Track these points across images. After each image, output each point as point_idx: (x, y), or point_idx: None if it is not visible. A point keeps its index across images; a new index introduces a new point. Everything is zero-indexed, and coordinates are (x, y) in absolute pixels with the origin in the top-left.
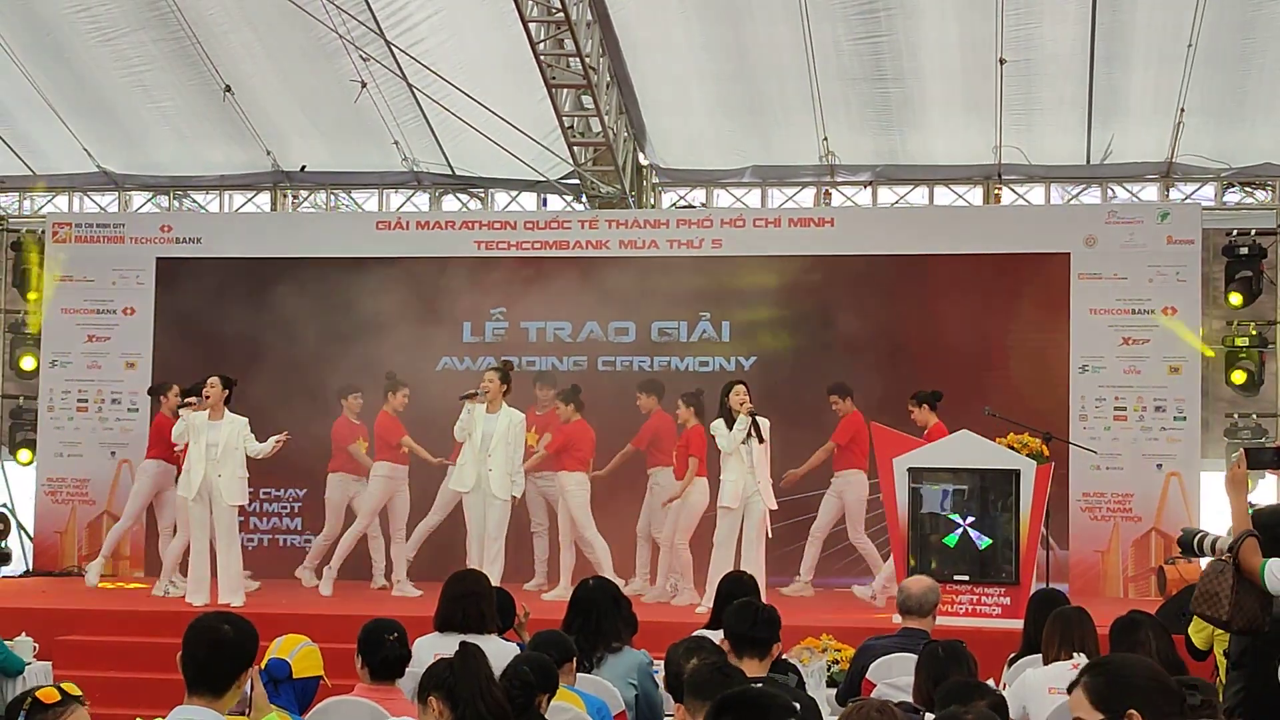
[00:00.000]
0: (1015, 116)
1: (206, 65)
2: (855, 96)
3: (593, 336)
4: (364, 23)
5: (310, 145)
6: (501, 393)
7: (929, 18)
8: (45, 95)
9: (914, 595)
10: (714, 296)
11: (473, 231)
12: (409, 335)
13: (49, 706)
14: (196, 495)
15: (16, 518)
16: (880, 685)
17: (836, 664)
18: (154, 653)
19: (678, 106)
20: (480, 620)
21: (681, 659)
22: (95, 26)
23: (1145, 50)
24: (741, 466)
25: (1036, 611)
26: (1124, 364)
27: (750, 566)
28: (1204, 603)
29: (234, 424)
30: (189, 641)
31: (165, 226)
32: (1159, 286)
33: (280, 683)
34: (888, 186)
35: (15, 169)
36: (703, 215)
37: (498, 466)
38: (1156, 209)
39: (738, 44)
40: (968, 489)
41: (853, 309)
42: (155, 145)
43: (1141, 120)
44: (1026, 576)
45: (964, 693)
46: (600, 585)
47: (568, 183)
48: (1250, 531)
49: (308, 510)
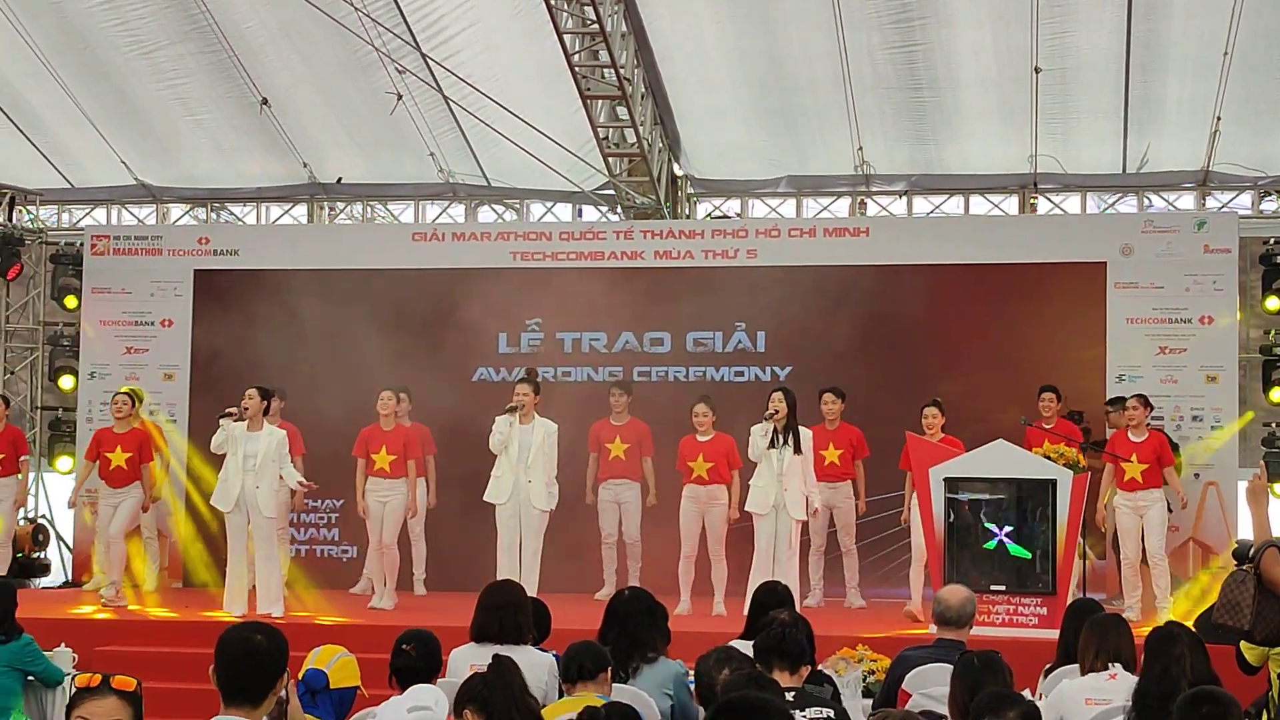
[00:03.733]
0: (1051, 125)
1: (244, 78)
2: (890, 106)
3: (628, 347)
4: (400, 35)
5: (347, 157)
6: (534, 404)
7: (964, 26)
8: (83, 108)
9: (952, 606)
10: (749, 307)
11: (508, 242)
12: (444, 346)
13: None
14: (234, 506)
15: (55, 529)
16: (916, 696)
17: (872, 674)
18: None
19: (712, 117)
20: (516, 631)
21: (713, 670)
22: (133, 40)
23: (1181, 58)
24: (770, 473)
25: (1073, 622)
26: (1161, 373)
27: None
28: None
29: (272, 436)
30: (222, 652)
31: (203, 239)
32: (1196, 295)
33: (318, 693)
34: (923, 196)
35: (54, 182)
36: (738, 226)
37: (537, 479)
38: (1193, 218)
39: (772, 54)
40: (1004, 499)
41: (888, 319)
42: (193, 158)
43: (1178, 129)
44: (1063, 587)
45: (1000, 703)
46: (635, 595)
47: (603, 194)
48: (1271, 541)
49: (345, 521)
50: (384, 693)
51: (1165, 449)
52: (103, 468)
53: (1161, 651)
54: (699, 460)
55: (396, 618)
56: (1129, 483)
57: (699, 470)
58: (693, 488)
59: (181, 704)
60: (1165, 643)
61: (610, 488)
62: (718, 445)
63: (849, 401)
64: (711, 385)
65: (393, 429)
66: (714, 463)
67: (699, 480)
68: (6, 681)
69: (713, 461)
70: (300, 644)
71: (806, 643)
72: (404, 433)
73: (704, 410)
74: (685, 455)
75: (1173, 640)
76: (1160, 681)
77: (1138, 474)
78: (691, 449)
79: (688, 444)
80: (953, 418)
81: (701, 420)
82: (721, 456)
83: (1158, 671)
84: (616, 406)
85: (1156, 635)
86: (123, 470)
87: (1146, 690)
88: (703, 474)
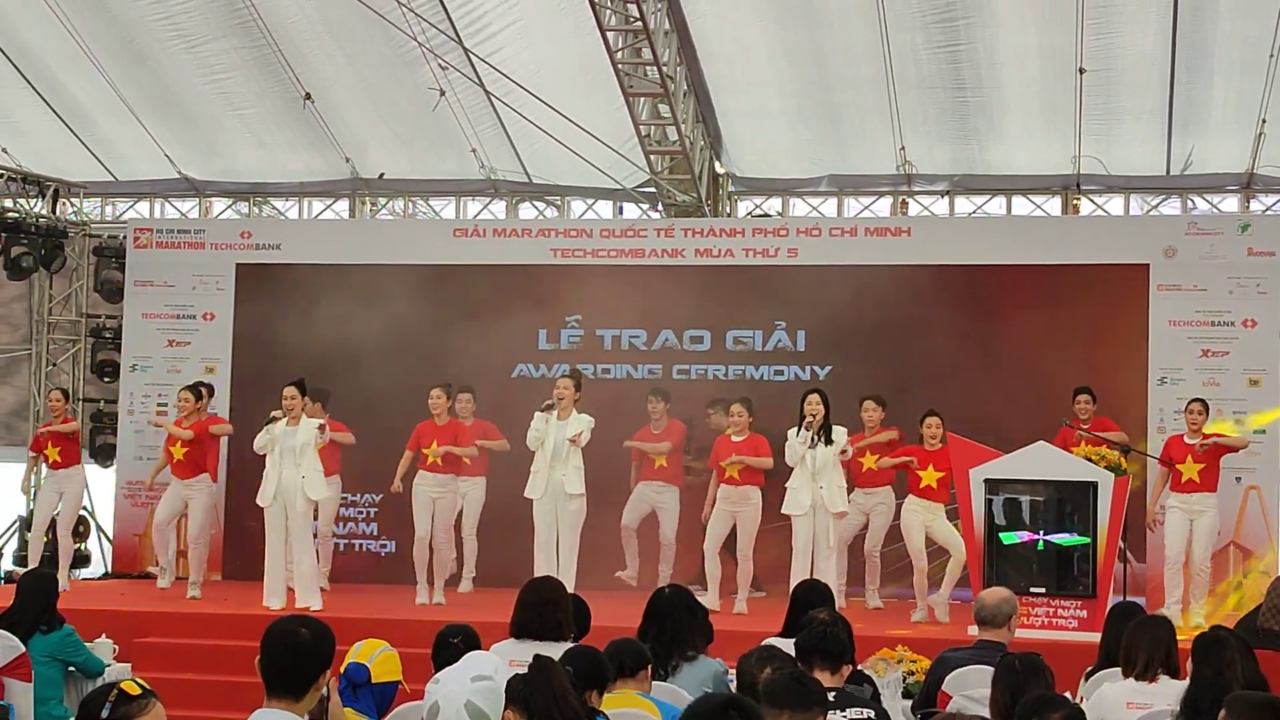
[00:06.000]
0: (1095, 126)
1: (287, 73)
2: (933, 105)
3: (668, 345)
4: (443, 31)
5: (389, 153)
6: (574, 400)
7: (1008, 26)
8: (128, 102)
9: (987, 606)
10: (790, 306)
11: (549, 239)
12: (484, 342)
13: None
14: (273, 500)
15: (96, 520)
16: (956, 697)
17: (912, 675)
18: (232, 655)
19: (754, 115)
20: (556, 628)
21: (755, 669)
22: (178, 34)
23: (1226, 60)
24: (804, 475)
25: (1115, 625)
26: (1203, 376)
27: (821, 573)
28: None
29: (308, 425)
30: (267, 644)
31: (245, 233)
32: (1239, 299)
33: (359, 687)
34: (965, 196)
35: (98, 175)
36: (778, 224)
37: (573, 467)
38: (1237, 220)
39: (815, 52)
40: (1044, 501)
41: (929, 319)
42: (236, 152)
43: (1222, 130)
44: (1104, 589)
45: (1044, 706)
46: (676, 593)
47: (644, 191)
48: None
49: (384, 516)
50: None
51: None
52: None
53: (1212, 656)
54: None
55: (434, 613)
56: (1186, 483)
57: (731, 470)
58: (725, 488)
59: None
60: (1215, 647)
61: (648, 488)
62: (751, 446)
63: (888, 405)
64: (751, 384)
65: (446, 424)
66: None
67: (730, 480)
68: (48, 672)
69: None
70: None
71: (847, 642)
72: (456, 428)
73: (740, 410)
74: (719, 455)
75: (1222, 645)
76: (1212, 686)
77: (1194, 474)
78: (725, 449)
79: (722, 443)
80: (991, 418)
81: (737, 421)
82: (754, 458)
83: (1209, 676)
84: (655, 414)
85: (1205, 640)
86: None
87: (1198, 695)
88: (734, 474)
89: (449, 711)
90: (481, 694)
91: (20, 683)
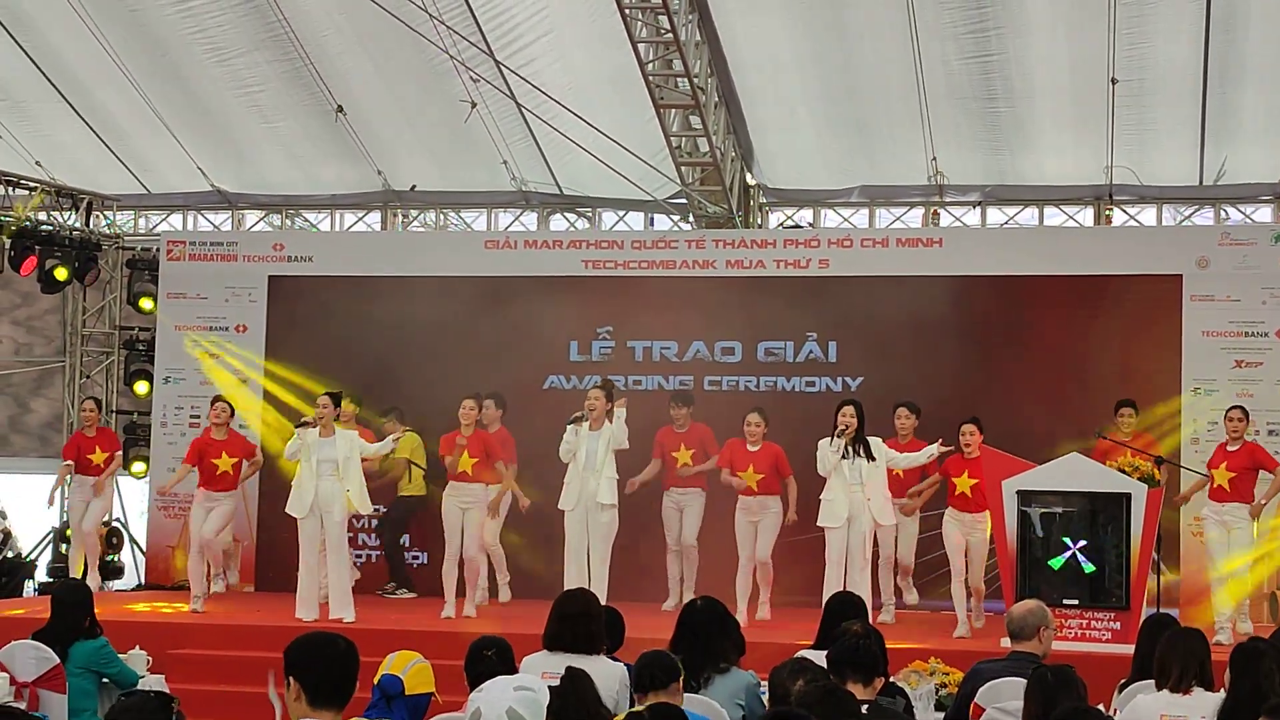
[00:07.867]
0: (1127, 137)
1: (319, 86)
2: (964, 116)
3: (699, 356)
4: (474, 43)
5: (420, 165)
6: (606, 411)
7: (1040, 37)
8: (161, 114)
9: (1015, 617)
10: (821, 317)
11: (580, 251)
12: (516, 354)
13: None
14: (309, 512)
15: (129, 531)
16: (989, 710)
17: (944, 687)
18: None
19: (785, 126)
20: (589, 640)
21: (787, 680)
22: (211, 47)
23: (1259, 70)
24: (842, 486)
25: (1149, 637)
26: (1237, 387)
27: (855, 585)
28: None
29: (347, 437)
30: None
31: (277, 245)
32: (1272, 309)
33: (393, 699)
34: (997, 207)
35: (130, 187)
36: (810, 235)
37: (605, 478)
38: (1270, 230)
39: (846, 63)
40: (1077, 512)
41: (961, 330)
42: (268, 164)
43: (1255, 141)
44: (1137, 601)
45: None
46: (708, 605)
47: (675, 202)
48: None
49: (415, 526)
50: (458, 699)
51: (1261, 454)
52: (206, 474)
53: (1250, 668)
54: (749, 471)
55: (465, 625)
56: (1216, 490)
57: (749, 481)
58: (744, 499)
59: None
60: (1252, 659)
61: (674, 495)
62: (766, 455)
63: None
64: (782, 395)
65: (473, 434)
66: (764, 474)
67: (748, 491)
68: (82, 683)
69: (762, 473)
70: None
71: (880, 654)
72: (483, 438)
73: (757, 420)
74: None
75: (1259, 656)
76: (1251, 698)
77: (1225, 482)
78: (741, 459)
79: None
80: (1025, 429)
81: (753, 430)
82: (770, 467)
83: (1247, 688)
84: (678, 420)
85: (1242, 651)
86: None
87: (1236, 707)
88: (752, 485)
89: (490, 716)
90: (523, 703)
91: (55, 694)
